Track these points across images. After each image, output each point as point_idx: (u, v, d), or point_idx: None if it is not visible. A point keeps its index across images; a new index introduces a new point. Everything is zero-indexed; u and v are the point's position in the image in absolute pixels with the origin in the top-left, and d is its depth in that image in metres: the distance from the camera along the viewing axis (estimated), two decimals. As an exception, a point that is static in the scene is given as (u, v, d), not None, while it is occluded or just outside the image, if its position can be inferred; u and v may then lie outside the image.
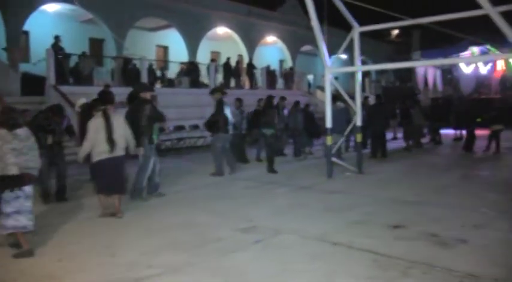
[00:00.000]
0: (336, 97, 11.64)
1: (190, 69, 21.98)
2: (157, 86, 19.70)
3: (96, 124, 6.78)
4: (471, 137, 14.47)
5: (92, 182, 8.34)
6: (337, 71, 14.44)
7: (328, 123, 9.95)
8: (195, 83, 21.76)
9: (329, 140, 9.96)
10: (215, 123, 10.32)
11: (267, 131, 11.00)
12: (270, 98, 11.61)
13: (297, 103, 13.78)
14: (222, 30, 26.11)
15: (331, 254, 5.05)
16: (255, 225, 6.25)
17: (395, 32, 45.52)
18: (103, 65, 21.14)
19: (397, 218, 6.46)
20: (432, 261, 4.69)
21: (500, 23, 7.28)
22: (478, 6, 7.61)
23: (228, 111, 10.42)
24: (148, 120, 7.83)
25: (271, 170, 10.86)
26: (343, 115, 11.71)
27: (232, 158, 11.06)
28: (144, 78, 19.17)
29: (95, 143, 6.71)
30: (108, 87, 15.17)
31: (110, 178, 6.85)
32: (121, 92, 16.45)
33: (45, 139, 7.67)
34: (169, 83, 22.22)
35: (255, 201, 7.96)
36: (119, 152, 6.88)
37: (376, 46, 38.21)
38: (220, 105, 10.33)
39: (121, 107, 16.01)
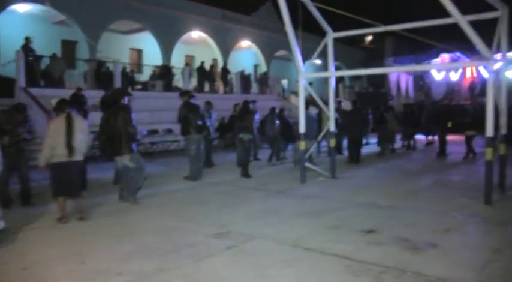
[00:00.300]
0: (308, 102, 11.69)
1: (164, 73, 21.82)
2: (130, 89, 19.49)
3: (57, 126, 6.68)
4: (443, 142, 14.72)
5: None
6: (311, 76, 14.49)
7: (302, 129, 9.97)
8: (169, 86, 21.62)
9: (302, 145, 9.96)
10: (184, 125, 10.39)
11: (245, 136, 10.97)
12: (246, 102, 11.53)
13: (273, 109, 13.68)
14: (196, 34, 26.02)
15: (304, 259, 5.03)
16: (228, 231, 6.20)
17: (369, 38, 46.03)
18: (76, 68, 20.78)
19: (370, 222, 6.49)
20: (404, 266, 4.72)
21: (469, 31, 7.39)
22: (448, 15, 7.72)
23: (197, 114, 10.51)
24: (125, 127, 7.80)
25: (245, 174, 10.84)
26: (314, 121, 11.72)
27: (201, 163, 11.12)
28: (118, 81, 18.97)
29: (54, 145, 6.60)
30: (80, 90, 14.97)
31: (66, 181, 6.77)
32: (94, 95, 16.27)
33: (1, 139, 7.38)
34: (143, 87, 22.03)
35: (229, 206, 7.91)
36: (78, 156, 6.81)
37: (350, 52, 38.63)
38: (184, 107, 10.42)
39: (93, 110, 15.81)
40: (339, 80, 35.95)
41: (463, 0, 7.96)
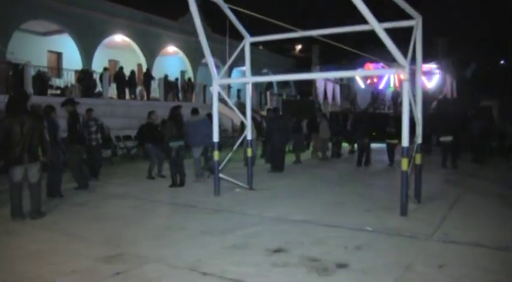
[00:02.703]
0: (194, 110, 11.48)
1: (82, 78, 20.59)
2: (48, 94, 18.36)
3: None
4: (367, 151, 14.67)
5: None
6: (225, 82, 14.07)
7: (215, 137, 9.38)
8: (88, 92, 20.41)
9: (216, 155, 9.35)
10: (69, 134, 10.12)
11: (177, 143, 10.41)
12: (178, 109, 10.87)
13: (209, 115, 12.41)
14: (119, 37, 24.96)
15: (198, 287, 4.47)
16: (122, 253, 5.51)
17: (298, 47, 46.63)
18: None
19: (280, 240, 6.01)
20: (308, 291, 4.27)
21: (385, 38, 7.17)
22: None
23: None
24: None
25: (182, 184, 10.48)
26: (203, 128, 10.95)
27: (86, 172, 10.72)
28: (29, 85, 17.65)
29: None
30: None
31: None
32: (1, 100, 14.93)
33: None
34: (61, 92, 20.64)
35: (131, 222, 7.20)
36: None
37: (279, 60, 38.94)
38: (75, 116, 10.15)
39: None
40: (267, 87, 36.00)
41: (384, 10, 7.82)
